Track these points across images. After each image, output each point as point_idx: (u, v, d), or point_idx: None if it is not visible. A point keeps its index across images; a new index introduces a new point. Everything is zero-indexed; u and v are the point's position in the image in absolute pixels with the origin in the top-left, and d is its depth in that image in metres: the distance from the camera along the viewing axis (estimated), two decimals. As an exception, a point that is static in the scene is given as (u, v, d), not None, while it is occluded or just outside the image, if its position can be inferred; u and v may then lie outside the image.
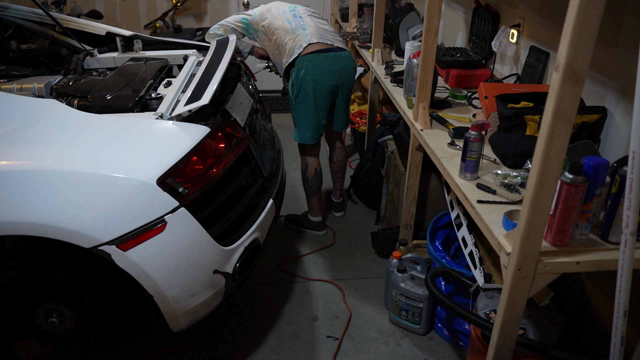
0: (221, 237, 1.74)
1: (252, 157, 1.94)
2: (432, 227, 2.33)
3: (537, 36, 2.21)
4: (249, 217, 1.89)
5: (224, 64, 2.03)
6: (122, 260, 1.55)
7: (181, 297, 1.67)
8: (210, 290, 1.75)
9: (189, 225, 1.64)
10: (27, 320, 1.81)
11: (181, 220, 1.61)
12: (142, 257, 1.57)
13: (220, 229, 1.74)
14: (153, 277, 1.59)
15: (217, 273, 1.74)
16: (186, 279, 1.67)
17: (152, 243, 1.57)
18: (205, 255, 1.70)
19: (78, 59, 2.30)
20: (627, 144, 1.58)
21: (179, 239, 1.62)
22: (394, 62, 3.05)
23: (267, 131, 2.46)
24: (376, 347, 2.19)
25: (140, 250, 1.56)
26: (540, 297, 1.55)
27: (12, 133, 1.59)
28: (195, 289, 1.70)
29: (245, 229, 1.85)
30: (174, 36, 4.25)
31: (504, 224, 1.44)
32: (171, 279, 1.63)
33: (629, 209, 1.08)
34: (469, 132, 1.63)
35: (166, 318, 1.71)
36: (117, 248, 1.54)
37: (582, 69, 1.03)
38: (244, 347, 2.19)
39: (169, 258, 1.62)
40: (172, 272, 1.63)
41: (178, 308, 1.69)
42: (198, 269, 1.69)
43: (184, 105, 1.73)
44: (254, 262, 1.94)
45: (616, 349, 1.23)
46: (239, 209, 1.84)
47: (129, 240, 1.54)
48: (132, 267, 1.57)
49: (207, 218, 1.69)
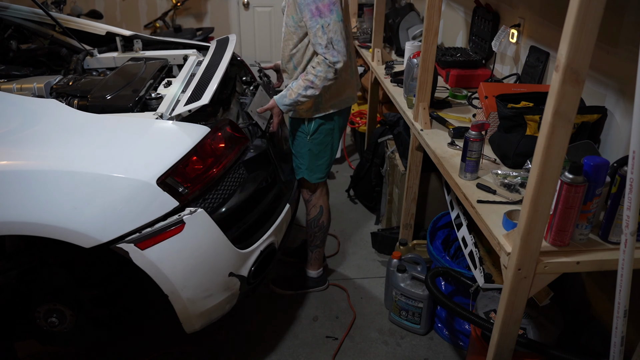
0: (238, 239, 1.74)
1: (272, 161, 1.94)
2: (432, 227, 2.33)
3: (537, 36, 2.21)
4: (266, 221, 1.89)
5: (224, 63, 2.03)
6: (139, 258, 1.56)
7: (196, 298, 1.68)
8: (225, 292, 1.76)
9: (207, 226, 1.64)
10: (27, 320, 1.82)
11: (199, 221, 1.62)
12: (159, 256, 1.57)
13: (237, 231, 1.75)
14: (169, 277, 1.60)
15: (233, 276, 1.74)
16: (202, 281, 1.68)
17: (170, 243, 1.58)
18: (222, 258, 1.71)
19: (78, 59, 2.30)
20: (627, 144, 1.58)
21: (196, 239, 1.63)
22: (394, 62, 3.05)
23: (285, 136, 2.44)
24: (376, 347, 2.19)
25: (158, 249, 1.57)
26: (540, 297, 1.55)
27: (12, 133, 1.59)
28: (210, 291, 1.71)
29: (262, 233, 1.85)
30: (174, 36, 4.25)
31: (504, 224, 1.44)
32: (187, 280, 1.64)
33: (629, 209, 1.08)
34: (469, 132, 1.63)
35: (180, 319, 1.71)
36: (135, 246, 1.54)
37: (582, 69, 1.03)
38: (243, 347, 2.19)
39: (186, 258, 1.62)
40: (188, 272, 1.63)
41: (193, 309, 1.69)
42: (214, 270, 1.70)
43: (184, 105, 1.73)
44: (269, 267, 1.94)
45: (616, 349, 1.23)
46: (257, 212, 1.84)
47: (148, 239, 1.55)
48: (149, 266, 1.57)
49: (224, 220, 1.69)
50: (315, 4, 1.86)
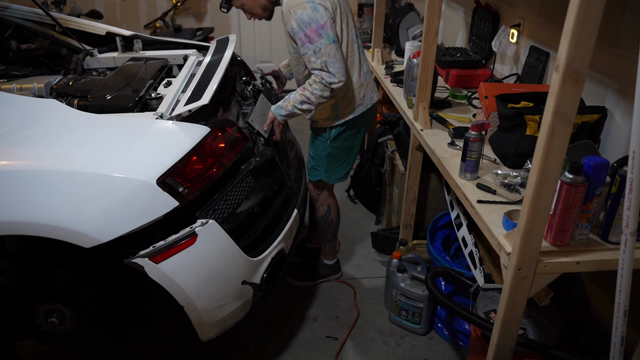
0: (249, 248, 1.75)
1: (278, 168, 1.94)
2: (432, 227, 2.33)
3: (537, 36, 2.21)
4: (276, 228, 1.90)
5: (224, 63, 2.03)
6: (154, 272, 1.57)
7: (211, 307, 1.69)
8: (239, 300, 1.77)
9: (219, 237, 1.65)
10: (27, 320, 1.82)
11: (211, 232, 1.63)
12: (174, 269, 1.59)
13: (248, 240, 1.76)
14: (184, 289, 1.61)
15: (246, 284, 1.75)
16: (216, 290, 1.69)
17: (184, 255, 1.59)
18: (234, 267, 1.72)
19: (78, 59, 2.30)
20: (627, 144, 1.58)
21: (209, 250, 1.64)
22: (394, 62, 3.05)
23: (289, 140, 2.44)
24: (376, 347, 2.19)
25: (173, 262, 1.58)
26: (540, 297, 1.55)
27: (12, 133, 1.59)
28: (224, 300, 1.72)
29: (272, 240, 1.86)
30: (174, 36, 4.25)
31: (504, 224, 1.44)
32: (202, 290, 1.65)
33: (629, 209, 1.08)
34: (469, 132, 1.63)
35: (196, 328, 1.72)
36: (149, 260, 1.55)
37: (582, 69, 1.03)
38: (243, 347, 2.19)
39: (199, 270, 1.63)
40: (202, 283, 1.64)
41: (208, 318, 1.70)
42: (227, 280, 1.71)
43: (184, 105, 1.73)
44: (280, 273, 1.94)
45: (616, 349, 1.23)
46: (266, 219, 1.85)
47: (162, 252, 1.56)
48: (165, 279, 1.59)
49: (235, 229, 1.70)
50: (303, 31, 1.89)
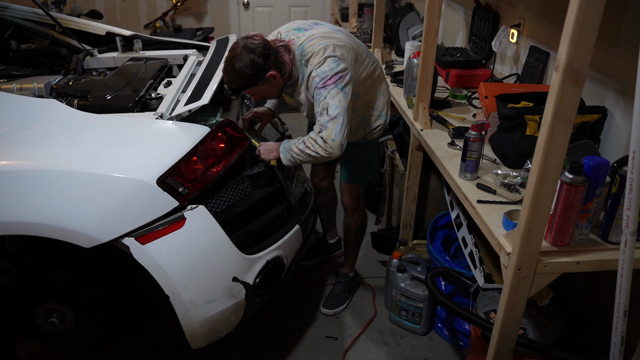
0: (242, 244, 1.73)
1: (278, 180, 1.93)
2: (432, 227, 2.33)
3: (537, 36, 2.21)
4: (273, 234, 1.88)
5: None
6: (140, 254, 1.55)
7: (198, 301, 1.65)
8: (229, 299, 1.72)
9: (208, 224, 1.64)
10: (27, 320, 1.82)
11: (200, 217, 1.62)
12: (160, 251, 1.57)
13: (242, 236, 1.74)
14: (170, 275, 1.59)
15: (237, 281, 1.72)
16: (203, 282, 1.66)
17: (171, 238, 1.58)
18: (224, 258, 1.69)
19: (78, 59, 2.30)
20: (627, 144, 1.58)
21: (197, 236, 1.63)
22: (394, 62, 3.06)
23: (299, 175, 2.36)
24: (376, 347, 2.19)
25: (159, 244, 1.56)
26: (540, 297, 1.55)
27: (12, 133, 1.59)
28: (213, 295, 1.68)
29: (269, 244, 1.84)
30: (174, 36, 4.25)
31: (504, 224, 1.44)
32: (188, 280, 1.62)
33: (629, 209, 1.08)
34: (469, 132, 1.63)
35: (183, 327, 1.68)
36: (135, 241, 1.54)
37: (582, 69, 1.04)
38: (243, 347, 2.19)
39: (186, 255, 1.61)
40: (189, 271, 1.62)
41: (195, 314, 1.66)
42: (216, 271, 1.68)
43: (184, 105, 1.73)
44: (278, 282, 1.92)
45: (616, 349, 1.23)
46: (262, 220, 1.83)
47: (149, 233, 1.55)
48: (150, 261, 1.57)
49: (228, 222, 1.69)
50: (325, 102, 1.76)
